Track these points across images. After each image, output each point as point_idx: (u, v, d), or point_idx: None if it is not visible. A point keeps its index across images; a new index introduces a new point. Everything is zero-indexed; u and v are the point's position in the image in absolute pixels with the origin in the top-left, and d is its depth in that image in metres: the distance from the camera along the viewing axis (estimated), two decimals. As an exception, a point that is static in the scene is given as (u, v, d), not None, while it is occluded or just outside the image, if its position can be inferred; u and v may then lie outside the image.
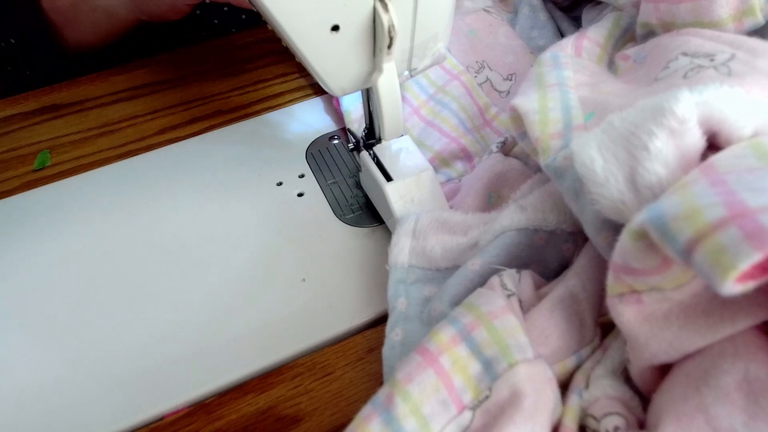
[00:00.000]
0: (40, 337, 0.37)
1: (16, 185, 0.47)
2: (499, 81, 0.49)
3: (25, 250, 0.42)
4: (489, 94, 0.49)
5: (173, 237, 0.42)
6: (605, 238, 0.26)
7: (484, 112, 0.48)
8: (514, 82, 0.49)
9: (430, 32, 0.35)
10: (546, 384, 0.25)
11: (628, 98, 0.29)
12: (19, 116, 0.53)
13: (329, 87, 0.35)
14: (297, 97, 0.52)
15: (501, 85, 0.49)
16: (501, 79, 0.49)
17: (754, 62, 0.27)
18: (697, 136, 0.23)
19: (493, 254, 0.31)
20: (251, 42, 0.58)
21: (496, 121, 0.47)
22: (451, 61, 0.50)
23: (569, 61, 0.35)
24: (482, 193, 0.39)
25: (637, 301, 0.23)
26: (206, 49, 0.57)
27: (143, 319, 0.37)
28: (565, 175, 0.28)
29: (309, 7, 0.31)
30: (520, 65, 0.50)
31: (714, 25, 0.32)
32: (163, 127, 0.51)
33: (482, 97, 0.48)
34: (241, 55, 0.56)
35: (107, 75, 0.56)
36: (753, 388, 0.21)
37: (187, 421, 0.33)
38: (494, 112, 0.48)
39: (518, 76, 0.49)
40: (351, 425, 0.24)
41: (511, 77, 0.49)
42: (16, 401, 0.34)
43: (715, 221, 0.18)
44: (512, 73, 0.49)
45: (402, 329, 0.32)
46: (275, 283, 0.39)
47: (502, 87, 0.49)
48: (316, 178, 0.45)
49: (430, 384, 0.25)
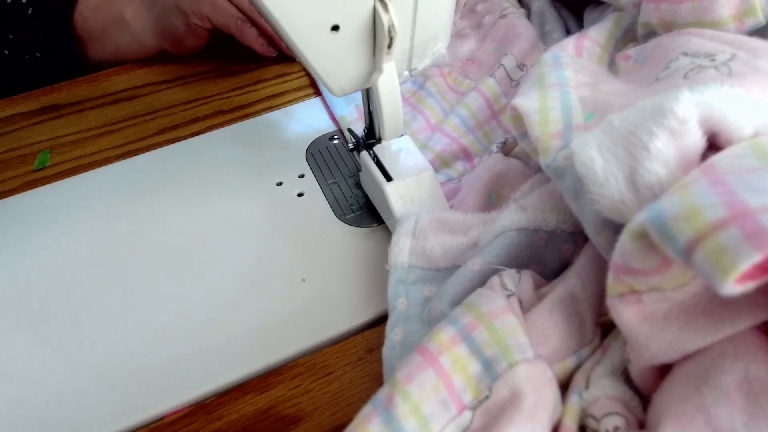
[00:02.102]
0: (40, 337, 0.37)
1: (16, 185, 0.47)
2: (513, 68, 0.48)
3: (25, 250, 0.42)
4: (501, 82, 0.47)
5: (173, 237, 0.42)
6: (605, 238, 0.26)
7: (492, 104, 0.47)
8: (524, 72, 0.48)
9: (430, 32, 0.35)
10: (546, 384, 0.25)
11: (628, 98, 0.29)
12: (19, 116, 0.53)
13: (329, 87, 0.35)
14: (297, 97, 0.52)
15: (514, 72, 0.48)
16: (515, 66, 0.48)
17: (755, 62, 0.27)
18: (697, 136, 0.23)
19: (493, 254, 0.31)
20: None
21: (503, 114, 0.46)
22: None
23: (570, 62, 0.35)
24: (482, 193, 0.39)
25: (637, 301, 0.23)
26: (206, 49, 0.57)
27: (143, 319, 0.37)
28: (565, 175, 0.28)
29: (309, 7, 0.31)
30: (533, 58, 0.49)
31: (715, 25, 0.32)
32: (163, 127, 0.51)
33: (491, 88, 0.47)
34: (241, 55, 0.56)
35: (107, 75, 0.56)
36: (753, 388, 0.21)
37: (187, 421, 0.33)
38: (504, 103, 0.47)
39: (528, 67, 0.48)
40: (351, 425, 0.24)
41: (523, 67, 0.48)
42: (16, 401, 0.34)
43: (716, 221, 0.18)
44: (524, 63, 0.48)
45: (402, 329, 0.32)
46: (275, 283, 0.39)
47: (515, 75, 0.48)
48: (316, 178, 0.45)
49: (430, 384, 0.25)
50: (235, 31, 0.52)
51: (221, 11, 0.51)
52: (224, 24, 0.51)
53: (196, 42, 0.54)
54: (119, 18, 0.55)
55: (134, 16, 0.55)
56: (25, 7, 0.55)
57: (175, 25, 0.53)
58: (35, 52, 0.56)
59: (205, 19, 0.51)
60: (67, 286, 0.39)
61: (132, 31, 0.56)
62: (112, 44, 0.57)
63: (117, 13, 0.55)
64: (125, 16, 0.55)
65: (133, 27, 0.55)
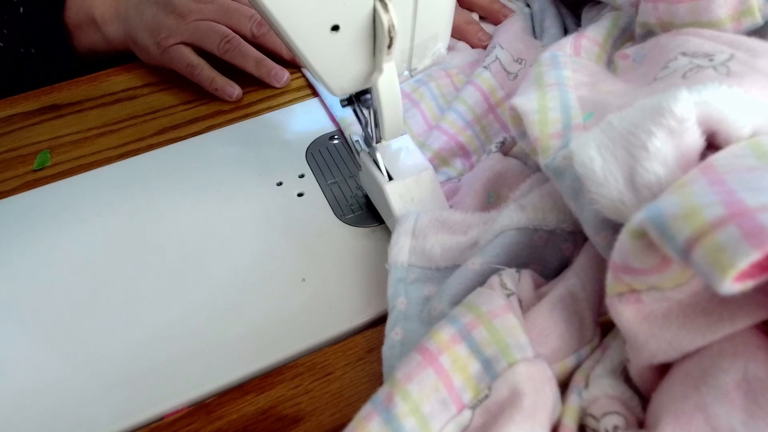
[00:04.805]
0: (39, 337, 0.37)
1: (16, 185, 0.47)
2: (509, 61, 0.48)
3: (25, 250, 0.42)
4: (497, 75, 0.47)
5: (173, 237, 0.42)
6: (604, 237, 0.26)
7: (489, 97, 0.46)
8: (524, 66, 0.48)
9: (430, 32, 0.35)
10: (545, 383, 0.25)
11: (627, 98, 0.29)
12: (19, 116, 0.53)
13: (329, 87, 0.35)
14: (297, 97, 0.52)
15: (511, 65, 0.48)
16: (511, 60, 0.48)
17: (753, 62, 0.27)
18: (696, 135, 0.23)
19: (493, 253, 0.31)
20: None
21: (500, 108, 0.46)
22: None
23: (568, 61, 0.35)
24: (481, 193, 0.39)
25: (637, 301, 0.23)
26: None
27: (143, 319, 0.37)
28: (565, 175, 0.28)
29: (309, 7, 0.31)
30: (530, 54, 0.49)
31: (713, 25, 0.32)
32: (163, 127, 0.51)
33: (486, 81, 0.47)
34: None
35: (107, 75, 0.56)
36: (752, 387, 0.21)
37: (187, 421, 0.33)
38: (501, 96, 0.46)
39: (528, 62, 0.48)
40: (351, 424, 0.24)
41: (521, 61, 0.48)
42: (16, 401, 0.34)
43: (714, 220, 0.18)
44: (522, 58, 0.48)
45: (402, 328, 0.32)
46: (275, 283, 0.39)
47: (512, 68, 0.48)
48: (316, 178, 0.45)
49: (429, 383, 0.25)
50: (221, 55, 0.51)
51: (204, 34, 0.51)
52: (209, 48, 0.51)
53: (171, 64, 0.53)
54: (90, 18, 0.55)
55: (104, 20, 0.55)
56: (17, 6, 0.54)
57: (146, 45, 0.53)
58: (30, 48, 0.55)
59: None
60: (67, 285, 0.39)
61: (103, 34, 0.55)
62: (86, 41, 0.56)
63: (87, 12, 0.55)
64: (95, 17, 0.55)
65: (103, 30, 0.55)
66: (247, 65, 0.52)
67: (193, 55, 0.52)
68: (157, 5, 0.52)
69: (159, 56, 0.52)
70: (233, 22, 0.52)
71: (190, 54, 0.52)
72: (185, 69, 0.52)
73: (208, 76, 0.51)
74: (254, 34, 0.52)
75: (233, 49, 0.51)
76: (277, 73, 0.52)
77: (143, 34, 0.52)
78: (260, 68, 0.52)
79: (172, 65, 0.52)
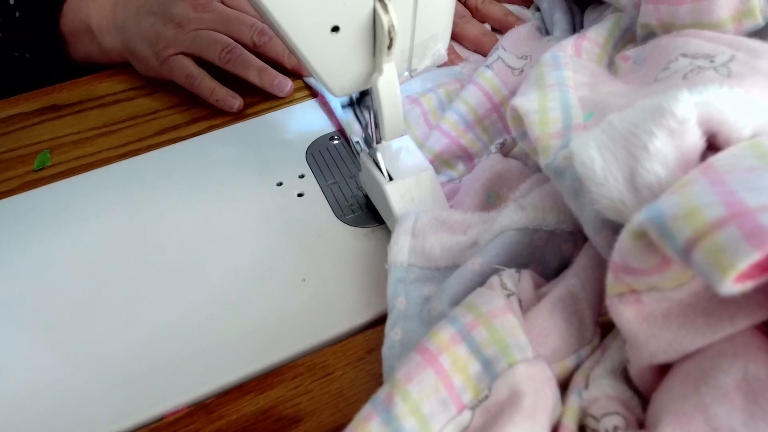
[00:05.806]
0: (39, 337, 0.37)
1: (16, 185, 0.47)
2: (512, 59, 0.47)
3: (25, 250, 0.42)
4: (500, 73, 0.47)
5: (173, 237, 0.42)
6: (605, 237, 0.26)
7: (492, 96, 0.46)
8: (529, 61, 0.47)
9: (430, 32, 0.35)
10: (545, 383, 0.25)
11: (627, 98, 0.29)
12: (19, 116, 0.53)
13: (329, 87, 0.35)
14: (297, 97, 0.52)
15: (514, 62, 0.47)
16: (514, 58, 0.48)
17: (754, 63, 0.27)
18: (696, 136, 0.23)
19: (493, 254, 0.31)
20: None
21: (505, 106, 0.45)
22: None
23: (569, 62, 0.35)
24: (481, 193, 0.39)
25: (637, 301, 0.23)
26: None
27: (143, 319, 0.37)
28: (565, 175, 0.28)
29: (309, 8, 0.31)
30: (535, 51, 0.48)
31: (714, 26, 0.32)
32: (163, 127, 0.51)
33: (489, 80, 0.46)
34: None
35: (107, 75, 0.56)
36: (752, 387, 0.21)
37: (187, 421, 0.33)
38: (505, 94, 0.46)
39: (533, 58, 0.47)
40: (351, 425, 0.24)
41: (526, 57, 0.48)
42: (16, 401, 0.34)
43: (715, 220, 0.18)
44: (527, 55, 0.48)
45: (401, 328, 0.32)
46: (275, 283, 0.39)
47: (516, 64, 0.47)
48: (316, 178, 0.45)
49: (429, 383, 0.25)
50: (222, 65, 0.51)
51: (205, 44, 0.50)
52: (210, 58, 0.51)
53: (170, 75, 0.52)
54: (86, 27, 0.54)
55: (101, 30, 0.54)
56: (13, 9, 0.54)
57: (145, 56, 0.52)
58: (25, 53, 0.55)
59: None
60: (67, 286, 0.39)
61: (99, 43, 0.55)
62: (82, 50, 0.56)
63: (83, 20, 0.54)
64: (91, 26, 0.54)
65: (99, 39, 0.55)
66: (249, 75, 0.51)
67: (193, 65, 0.51)
68: (155, 15, 0.51)
69: (158, 67, 0.52)
70: (234, 31, 0.51)
71: (189, 64, 0.51)
72: (185, 80, 0.51)
73: (209, 87, 0.51)
74: (255, 43, 0.51)
75: (235, 58, 0.50)
76: (280, 83, 0.51)
77: (141, 45, 0.52)
78: (263, 78, 0.51)
79: (172, 76, 0.51)
